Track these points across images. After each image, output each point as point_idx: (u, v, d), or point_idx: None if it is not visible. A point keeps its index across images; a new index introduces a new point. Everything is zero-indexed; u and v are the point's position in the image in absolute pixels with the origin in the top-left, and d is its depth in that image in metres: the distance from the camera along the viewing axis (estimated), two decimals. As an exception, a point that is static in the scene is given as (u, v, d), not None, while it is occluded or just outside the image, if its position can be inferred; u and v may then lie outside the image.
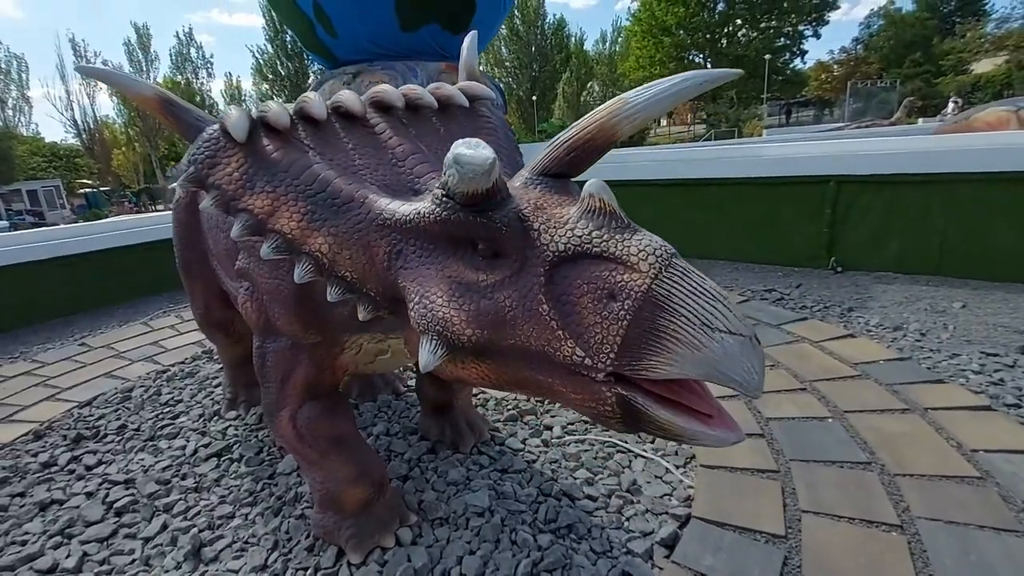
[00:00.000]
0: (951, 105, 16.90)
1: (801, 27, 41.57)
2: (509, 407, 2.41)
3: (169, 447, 2.31)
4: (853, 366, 2.61)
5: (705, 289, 0.82)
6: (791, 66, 43.90)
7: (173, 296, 4.99)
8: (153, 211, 21.36)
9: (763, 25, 41.11)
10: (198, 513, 1.87)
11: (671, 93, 0.94)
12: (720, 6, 40.83)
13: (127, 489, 2.04)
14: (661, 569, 1.47)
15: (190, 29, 42.56)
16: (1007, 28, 36.55)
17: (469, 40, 1.58)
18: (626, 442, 2.08)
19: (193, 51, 39.96)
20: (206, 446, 2.28)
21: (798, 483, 1.77)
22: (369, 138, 1.25)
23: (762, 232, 4.66)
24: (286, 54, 36.52)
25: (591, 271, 0.87)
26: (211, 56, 47.93)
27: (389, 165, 1.21)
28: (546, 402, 2.43)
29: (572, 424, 2.24)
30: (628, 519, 1.68)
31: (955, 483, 1.72)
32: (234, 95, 43.35)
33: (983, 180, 3.78)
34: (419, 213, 1.02)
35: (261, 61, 37.33)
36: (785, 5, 39.76)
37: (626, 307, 0.82)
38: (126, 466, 2.19)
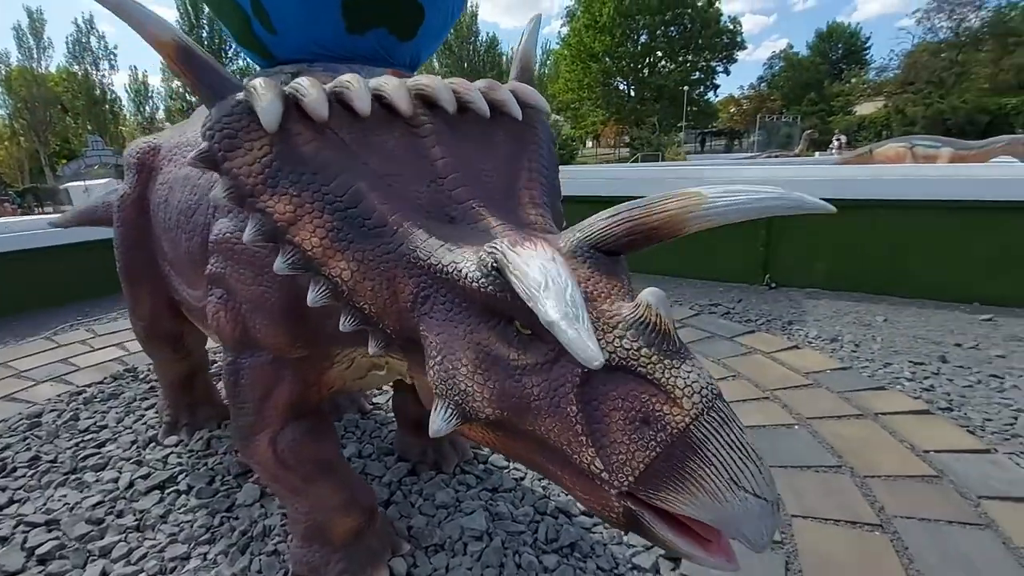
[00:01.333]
0: (835, 141, 19.02)
1: (714, 63, 44.98)
2: (485, 423, 2.33)
3: (97, 480, 2.01)
4: (804, 375, 2.77)
5: (741, 444, 0.78)
6: (705, 98, 47.25)
7: (80, 307, 4.45)
8: (40, 213, 19.08)
9: (681, 59, 44.03)
10: (144, 556, 1.63)
11: (750, 208, 0.87)
12: (643, 38, 43.32)
13: (50, 531, 1.74)
14: (672, 584, 1.45)
15: (91, 16, 38.55)
16: (884, 76, 41.59)
17: (532, 23, 1.44)
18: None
19: (94, 40, 36.57)
20: (145, 477, 2.01)
21: (783, 489, 1.82)
22: (410, 141, 1.11)
23: (705, 250, 4.91)
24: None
25: (630, 389, 0.80)
26: (115, 47, 43.74)
27: (427, 181, 1.09)
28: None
29: (552, 439, 2.20)
30: (627, 534, 1.66)
31: (917, 482, 1.85)
32: (140, 90, 39.99)
33: (896, 207, 4.21)
34: (460, 272, 0.90)
35: (173, 56, 34.66)
36: (700, 42, 42.86)
37: (659, 439, 0.78)
38: (45, 504, 1.88)
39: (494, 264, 0.85)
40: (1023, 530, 1.61)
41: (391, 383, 2.04)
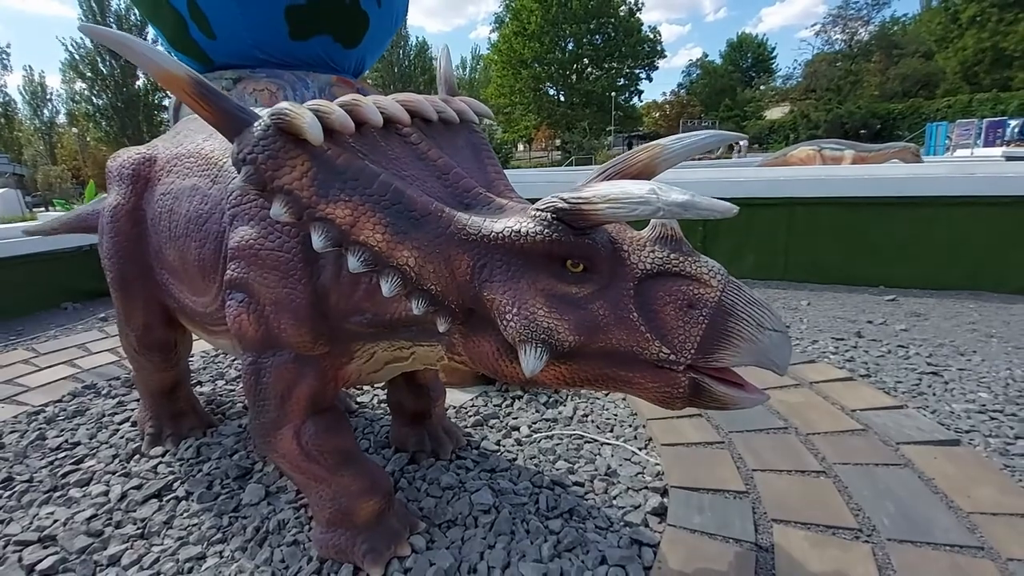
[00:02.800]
0: (736, 145, 21.25)
1: (637, 70, 47.05)
2: (470, 414, 2.47)
3: (85, 495, 1.98)
4: (748, 355, 3.11)
5: (755, 298, 1.07)
6: (630, 103, 49.33)
7: (9, 326, 4.15)
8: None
9: (607, 66, 45.77)
10: (157, 560, 1.65)
11: (699, 145, 1.18)
12: (570, 46, 44.63)
13: (46, 548, 1.72)
14: (662, 533, 1.66)
15: (-24, 12, 34.96)
16: (790, 84, 45.18)
17: (445, 52, 1.66)
18: (590, 433, 2.27)
19: (-20, 39, 32.99)
20: (138, 488, 1.99)
21: (742, 449, 2.10)
22: (407, 148, 1.27)
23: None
24: (110, 51, 31.79)
25: (672, 285, 1.07)
26: (7, 46, 39.70)
27: (435, 177, 1.25)
28: (506, 405, 2.54)
29: (535, 424, 2.37)
30: (615, 498, 1.86)
31: (849, 435, 2.18)
32: (36, 92, 36.51)
33: (812, 203, 4.73)
34: (518, 232, 1.08)
35: (77, 57, 32.01)
36: (624, 50, 44.72)
37: (704, 313, 1.04)
38: (32, 523, 1.83)
39: (554, 216, 1.06)
40: (933, 465, 1.96)
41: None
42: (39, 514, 1.88)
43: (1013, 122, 20.29)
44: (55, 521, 1.83)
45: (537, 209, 1.09)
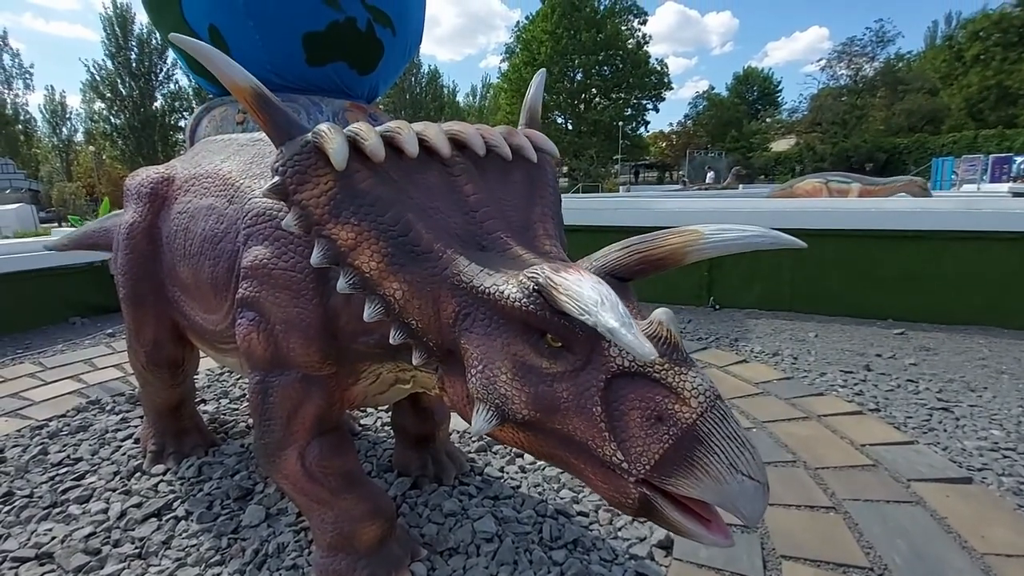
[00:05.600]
0: (731, 177, 22.31)
1: (644, 101, 47.79)
2: (474, 439, 2.45)
3: (84, 512, 1.96)
4: (755, 385, 3.08)
5: (737, 436, 0.94)
6: (637, 133, 49.97)
7: (18, 339, 4.18)
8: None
9: (614, 96, 46.50)
10: (153, 581, 1.63)
11: (740, 244, 1.04)
12: (579, 76, 45.50)
13: (43, 565, 1.70)
14: (667, 567, 1.63)
15: (3, 31, 36.09)
16: (795, 117, 45.68)
17: (538, 78, 1.63)
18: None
19: (7, 58, 34.14)
20: (137, 506, 1.98)
21: (749, 482, 2.06)
22: (445, 179, 1.26)
23: (656, 275, 5.26)
24: (130, 73, 32.63)
25: (647, 392, 0.96)
26: (31, 66, 40.82)
27: (462, 213, 1.24)
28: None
29: (540, 450, 2.35)
30: (620, 529, 1.82)
31: (858, 470, 2.14)
32: (56, 111, 37.46)
33: (818, 235, 4.74)
34: (502, 294, 1.05)
35: (98, 77, 32.95)
36: (631, 81, 45.52)
37: (671, 433, 0.93)
38: (30, 539, 1.82)
39: (535, 287, 1.00)
40: (945, 504, 1.91)
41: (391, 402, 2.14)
42: (37, 530, 1.86)
43: (1019, 158, 20.40)
44: (53, 538, 1.82)
45: (525, 275, 1.03)
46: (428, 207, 1.21)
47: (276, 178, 1.14)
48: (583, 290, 0.92)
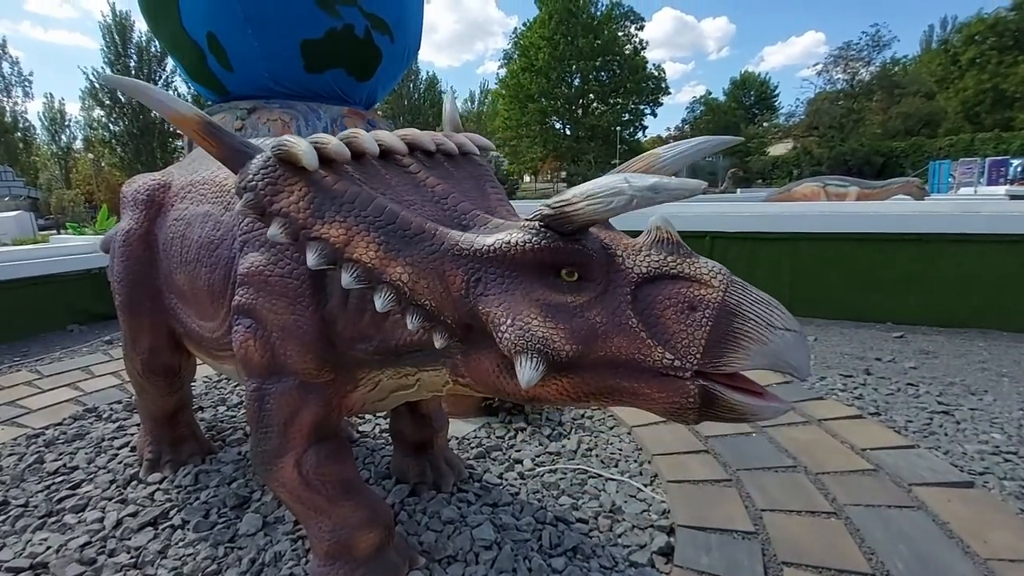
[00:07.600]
0: (728, 181, 22.95)
1: (642, 106, 47.95)
2: (473, 445, 2.43)
3: (80, 521, 1.94)
4: (755, 390, 3.07)
5: (762, 297, 1.01)
6: (635, 137, 50.12)
7: (15, 347, 4.16)
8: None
9: (612, 101, 46.66)
10: (149, 590, 1.61)
11: (691, 153, 1.21)
12: (576, 81, 45.67)
13: (38, 575, 1.68)
14: (668, 573, 1.61)
15: (4, 40, 36.09)
16: (792, 121, 45.85)
17: (450, 96, 1.78)
18: (594, 468, 2.22)
19: (6, 65, 34.20)
20: (133, 515, 1.96)
21: (750, 487, 2.05)
22: (406, 176, 1.32)
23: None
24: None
25: (671, 288, 1.02)
26: (30, 74, 40.78)
27: (432, 202, 1.29)
28: (509, 437, 2.50)
29: (539, 457, 2.34)
30: (620, 535, 1.81)
31: (860, 475, 2.13)
32: (55, 118, 37.51)
33: (817, 239, 4.74)
34: (509, 243, 1.09)
35: (97, 85, 33.00)
36: (629, 86, 45.69)
37: (707, 315, 0.98)
38: (25, 549, 1.80)
39: (542, 223, 1.06)
40: (947, 508, 1.90)
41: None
42: (33, 540, 1.85)
43: (1016, 161, 20.44)
44: (48, 548, 1.80)
45: (527, 220, 1.09)
46: (403, 200, 1.26)
47: (248, 195, 1.15)
48: (599, 181, 1.00)
